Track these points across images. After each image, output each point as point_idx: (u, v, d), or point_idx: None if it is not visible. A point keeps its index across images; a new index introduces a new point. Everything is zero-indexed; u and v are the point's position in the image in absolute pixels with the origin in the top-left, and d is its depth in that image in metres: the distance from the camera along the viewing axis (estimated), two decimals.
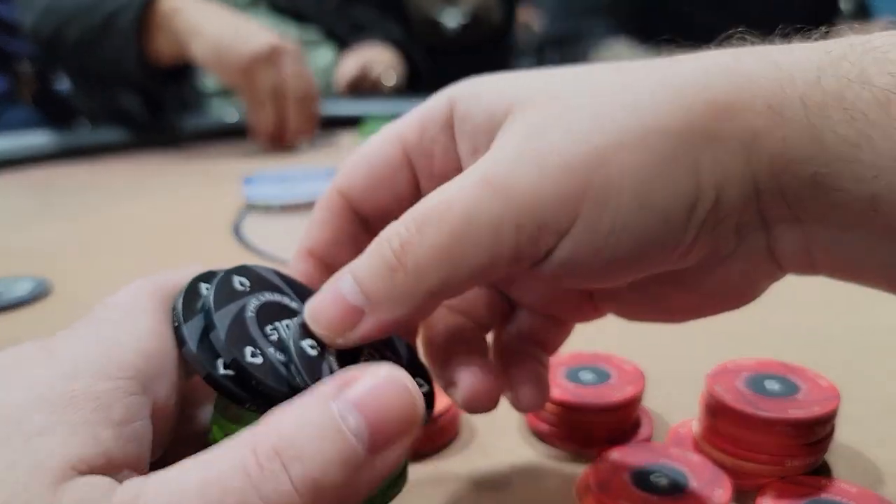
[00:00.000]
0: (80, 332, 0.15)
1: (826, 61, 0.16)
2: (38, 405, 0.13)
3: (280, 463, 0.13)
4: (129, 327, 0.16)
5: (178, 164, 0.80)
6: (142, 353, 0.15)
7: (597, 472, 0.21)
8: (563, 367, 0.26)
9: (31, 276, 0.44)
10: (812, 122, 0.15)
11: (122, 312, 0.16)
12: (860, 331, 0.33)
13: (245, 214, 0.58)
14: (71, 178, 0.75)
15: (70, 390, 0.14)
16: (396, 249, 0.16)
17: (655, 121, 0.16)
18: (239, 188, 0.61)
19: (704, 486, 0.21)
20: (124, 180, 0.74)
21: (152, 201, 0.65)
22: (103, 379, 0.14)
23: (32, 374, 0.14)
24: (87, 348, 0.15)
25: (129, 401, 0.14)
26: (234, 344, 0.15)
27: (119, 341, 0.15)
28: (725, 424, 0.22)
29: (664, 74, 0.17)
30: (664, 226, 0.16)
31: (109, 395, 0.14)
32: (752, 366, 0.24)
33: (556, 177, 0.16)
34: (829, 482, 0.21)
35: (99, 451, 0.13)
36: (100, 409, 0.14)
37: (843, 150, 0.15)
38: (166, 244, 0.52)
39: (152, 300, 0.16)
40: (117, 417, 0.14)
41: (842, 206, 0.16)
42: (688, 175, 0.16)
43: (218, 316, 0.16)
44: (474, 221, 0.16)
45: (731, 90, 0.16)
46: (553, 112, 0.17)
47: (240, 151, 0.85)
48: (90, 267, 0.47)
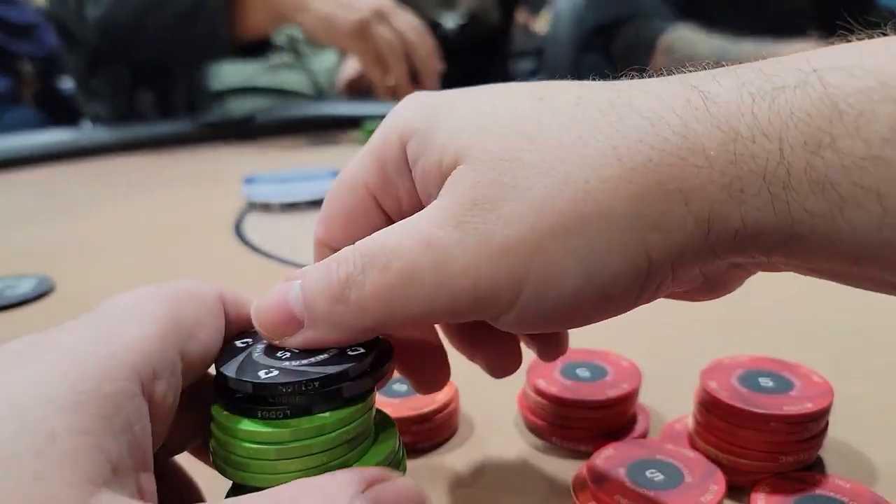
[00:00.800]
0: (86, 328, 0.15)
1: (787, 119, 0.14)
2: (46, 405, 0.13)
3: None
4: (135, 328, 0.16)
5: (179, 164, 0.80)
6: (145, 354, 0.15)
7: (592, 468, 0.22)
8: (559, 363, 0.27)
9: (33, 274, 0.44)
10: (775, 194, 0.15)
11: (128, 312, 0.16)
12: (854, 327, 0.34)
13: (246, 213, 0.59)
14: (73, 177, 0.76)
15: (76, 392, 0.14)
16: (342, 280, 0.17)
17: (600, 205, 0.16)
18: (239, 188, 0.62)
19: (699, 482, 0.21)
20: (126, 180, 0.74)
21: (154, 201, 0.65)
22: (108, 381, 0.14)
23: (38, 370, 0.14)
24: (93, 347, 0.15)
25: (132, 404, 0.15)
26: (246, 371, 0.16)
27: (123, 342, 0.15)
28: (720, 420, 0.22)
29: (612, 135, 0.16)
30: (616, 293, 0.16)
31: (114, 398, 0.14)
32: (747, 362, 0.25)
33: (495, 260, 0.16)
34: (823, 478, 0.21)
35: (105, 458, 0.14)
36: (105, 416, 0.14)
37: (817, 223, 0.14)
38: (168, 243, 0.52)
39: (158, 303, 0.17)
40: (119, 424, 0.14)
41: (821, 253, 0.15)
42: (638, 255, 0.16)
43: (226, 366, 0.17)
44: (413, 282, 0.16)
45: (682, 171, 0.15)
46: (498, 177, 0.17)
47: (241, 152, 0.85)
48: (92, 265, 0.47)
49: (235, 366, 0.16)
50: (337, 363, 0.16)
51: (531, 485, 0.23)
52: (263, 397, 0.16)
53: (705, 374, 0.24)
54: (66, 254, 0.50)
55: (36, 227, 0.58)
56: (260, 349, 0.17)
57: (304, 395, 0.15)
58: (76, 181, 0.74)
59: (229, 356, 0.17)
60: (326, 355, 0.17)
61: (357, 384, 0.16)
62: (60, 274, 0.44)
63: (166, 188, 0.70)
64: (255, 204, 0.59)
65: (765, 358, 0.25)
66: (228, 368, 0.16)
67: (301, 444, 0.15)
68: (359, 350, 0.17)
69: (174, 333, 0.16)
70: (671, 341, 0.29)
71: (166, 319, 0.16)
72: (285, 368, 0.16)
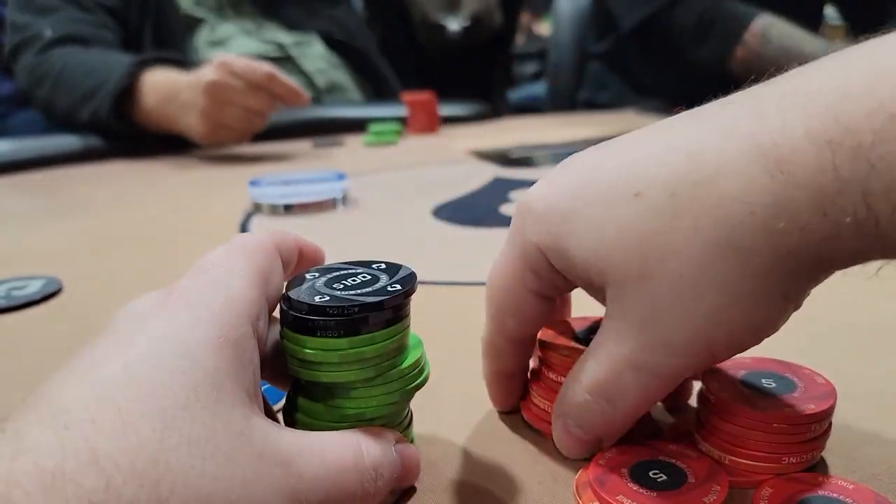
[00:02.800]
0: (199, 287, 0.19)
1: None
2: (203, 347, 0.17)
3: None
4: (235, 282, 0.19)
5: (185, 167, 0.81)
6: (249, 301, 0.19)
7: (595, 468, 0.22)
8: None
9: (41, 275, 0.44)
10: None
11: (224, 268, 0.19)
12: (857, 328, 0.34)
13: (251, 215, 0.59)
14: (80, 179, 0.76)
15: (216, 338, 0.17)
16: (599, 419, 0.22)
17: (752, 285, 0.19)
18: (245, 190, 0.62)
19: (702, 483, 0.21)
20: (132, 182, 0.75)
21: (160, 202, 0.66)
22: (234, 327, 0.18)
23: (184, 321, 0.17)
24: (215, 301, 0.18)
25: (251, 344, 0.18)
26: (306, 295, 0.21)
27: (232, 295, 0.18)
28: (722, 421, 0.22)
29: (745, 220, 0.18)
30: (768, 328, 0.20)
31: (241, 341, 0.18)
32: (750, 363, 0.25)
33: (684, 358, 0.20)
34: (826, 479, 0.22)
35: (242, 387, 0.17)
36: (237, 356, 0.17)
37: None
38: (174, 244, 0.52)
39: (242, 258, 0.20)
40: (247, 361, 0.18)
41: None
42: (784, 303, 0.20)
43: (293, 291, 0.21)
44: (643, 403, 0.22)
45: (812, 227, 0.17)
46: (650, 298, 0.20)
47: (246, 155, 0.86)
48: (99, 266, 0.48)
49: (299, 292, 0.21)
50: (378, 294, 0.20)
51: (533, 484, 0.23)
52: (318, 319, 0.20)
53: (708, 375, 0.24)
54: (73, 255, 0.51)
55: (43, 229, 0.58)
56: (322, 281, 0.21)
57: (348, 317, 0.20)
58: (83, 183, 0.74)
59: (298, 283, 0.21)
60: (370, 289, 0.21)
61: (386, 312, 0.20)
62: (68, 275, 0.44)
63: (172, 190, 0.70)
64: (260, 206, 0.60)
65: (767, 359, 0.25)
66: (294, 293, 0.20)
67: (356, 350, 0.20)
68: (396, 287, 0.21)
69: (260, 282, 0.20)
70: None
71: (252, 271, 0.20)
72: (336, 296, 0.20)
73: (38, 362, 0.33)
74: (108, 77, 0.80)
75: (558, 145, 0.86)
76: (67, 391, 0.16)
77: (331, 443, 0.19)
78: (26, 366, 0.33)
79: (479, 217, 0.56)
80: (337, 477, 0.18)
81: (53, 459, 0.14)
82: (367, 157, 0.84)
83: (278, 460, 0.17)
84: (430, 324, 0.27)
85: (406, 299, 0.21)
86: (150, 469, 0.14)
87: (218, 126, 0.79)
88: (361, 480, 0.18)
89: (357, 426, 0.21)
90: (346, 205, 0.61)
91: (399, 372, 0.21)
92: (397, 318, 0.21)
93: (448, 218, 0.56)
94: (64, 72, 0.84)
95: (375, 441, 0.20)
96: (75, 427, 0.15)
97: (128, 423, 0.15)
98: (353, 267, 0.23)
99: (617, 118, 1.05)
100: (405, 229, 0.54)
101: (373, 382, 0.21)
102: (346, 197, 0.61)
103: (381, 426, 0.21)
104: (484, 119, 1.09)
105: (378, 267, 0.22)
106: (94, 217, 0.61)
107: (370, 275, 0.22)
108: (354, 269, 0.22)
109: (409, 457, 0.21)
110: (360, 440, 0.19)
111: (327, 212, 0.59)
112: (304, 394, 0.21)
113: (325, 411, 0.21)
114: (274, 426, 0.18)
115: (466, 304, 0.38)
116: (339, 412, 0.21)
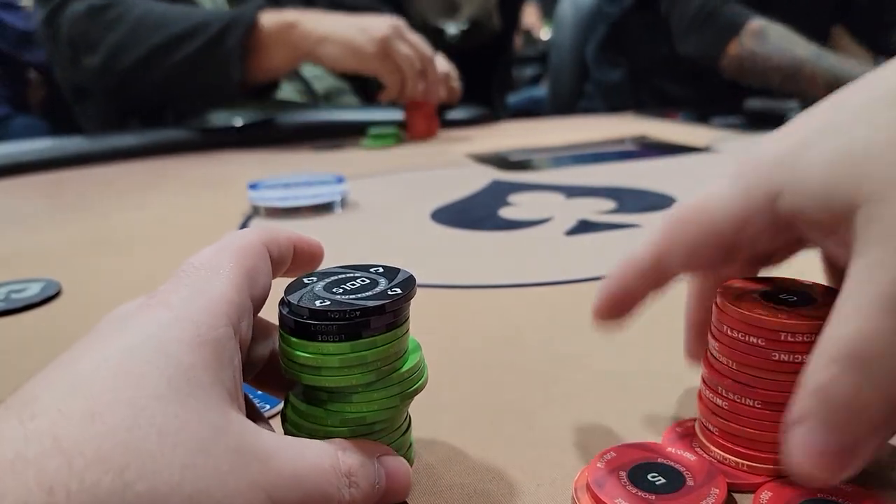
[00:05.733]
0: (183, 289, 0.19)
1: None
2: (179, 345, 0.17)
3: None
4: (217, 282, 0.19)
5: (184, 170, 0.81)
6: (230, 302, 0.19)
7: (593, 471, 0.22)
8: None
9: (40, 278, 0.44)
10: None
11: (208, 269, 0.19)
12: None
13: (250, 218, 0.59)
14: (79, 182, 0.76)
15: (194, 337, 0.17)
16: (853, 403, 0.16)
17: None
18: (244, 193, 0.62)
19: (701, 486, 0.21)
20: (131, 185, 0.75)
21: (159, 205, 0.66)
22: (213, 328, 0.18)
23: (163, 320, 0.17)
24: (194, 302, 0.18)
25: (232, 344, 0.18)
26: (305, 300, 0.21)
27: (214, 295, 0.18)
28: (722, 423, 0.22)
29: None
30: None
31: (220, 341, 0.18)
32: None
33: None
34: None
35: (222, 385, 0.17)
36: (217, 355, 0.17)
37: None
38: (173, 247, 0.52)
39: (227, 258, 0.20)
40: (227, 360, 0.18)
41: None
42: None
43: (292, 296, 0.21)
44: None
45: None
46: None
47: (246, 158, 0.86)
48: (98, 269, 0.48)
49: (299, 296, 0.21)
50: (379, 298, 0.20)
51: (531, 487, 0.23)
52: (319, 323, 0.20)
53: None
54: (72, 258, 0.51)
55: (42, 232, 0.58)
56: (320, 286, 0.21)
57: (349, 321, 0.20)
58: (82, 186, 0.74)
59: (297, 288, 0.21)
60: (370, 293, 0.21)
61: (387, 316, 0.20)
62: (67, 278, 0.44)
63: (171, 193, 0.70)
64: (259, 208, 0.60)
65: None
66: (294, 297, 0.20)
67: (357, 354, 0.20)
68: (397, 291, 0.21)
69: (245, 283, 0.20)
70: (672, 343, 0.29)
71: (237, 272, 0.20)
72: (337, 300, 0.20)
73: (37, 365, 0.33)
74: (208, 19, 0.81)
75: (558, 148, 0.86)
76: (39, 385, 0.16)
77: (309, 447, 0.19)
78: (25, 368, 0.33)
79: (477, 220, 0.56)
80: (317, 479, 0.18)
81: (15, 447, 0.14)
82: (366, 160, 0.84)
83: (256, 456, 0.17)
84: (429, 327, 0.27)
85: (406, 303, 0.21)
86: (115, 455, 0.14)
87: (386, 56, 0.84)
88: (338, 486, 0.18)
89: (357, 430, 0.21)
90: (344, 208, 0.61)
91: (399, 375, 0.21)
92: (398, 321, 0.21)
93: (447, 221, 0.56)
94: (150, 14, 0.83)
95: (354, 450, 0.20)
96: (41, 416, 0.15)
97: (96, 413, 0.15)
98: (352, 271, 0.23)
99: (617, 121, 1.06)
100: (404, 232, 0.55)
101: (373, 386, 0.21)
102: (344, 200, 0.62)
103: (372, 436, 0.21)
104: (483, 122, 1.09)
105: (376, 270, 0.23)
106: (93, 219, 0.61)
107: (369, 278, 0.22)
108: (353, 273, 0.22)
109: (396, 469, 0.21)
110: (337, 447, 0.19)
111: (326, 215, 0.59)
112: (303, 398, 0.21)
113: (325, 415, 0.21)
114: (253, 425, 0.18)
115: (464, 308, 0.38)
116: (339, 416, 0.21)
